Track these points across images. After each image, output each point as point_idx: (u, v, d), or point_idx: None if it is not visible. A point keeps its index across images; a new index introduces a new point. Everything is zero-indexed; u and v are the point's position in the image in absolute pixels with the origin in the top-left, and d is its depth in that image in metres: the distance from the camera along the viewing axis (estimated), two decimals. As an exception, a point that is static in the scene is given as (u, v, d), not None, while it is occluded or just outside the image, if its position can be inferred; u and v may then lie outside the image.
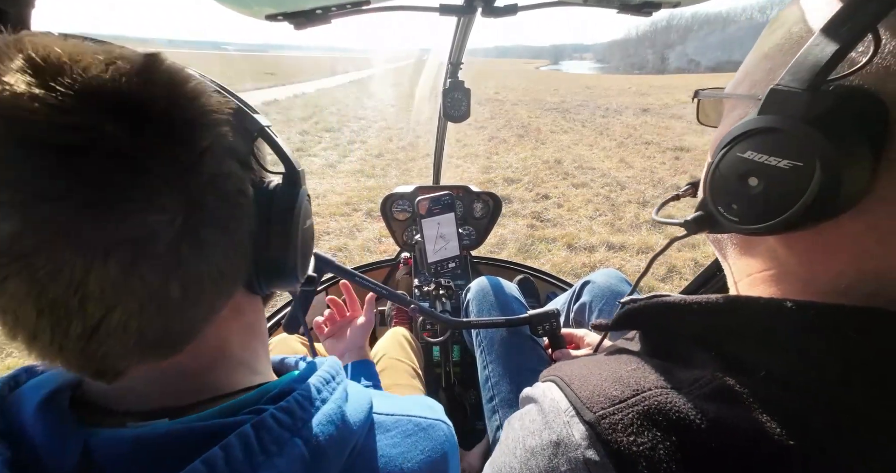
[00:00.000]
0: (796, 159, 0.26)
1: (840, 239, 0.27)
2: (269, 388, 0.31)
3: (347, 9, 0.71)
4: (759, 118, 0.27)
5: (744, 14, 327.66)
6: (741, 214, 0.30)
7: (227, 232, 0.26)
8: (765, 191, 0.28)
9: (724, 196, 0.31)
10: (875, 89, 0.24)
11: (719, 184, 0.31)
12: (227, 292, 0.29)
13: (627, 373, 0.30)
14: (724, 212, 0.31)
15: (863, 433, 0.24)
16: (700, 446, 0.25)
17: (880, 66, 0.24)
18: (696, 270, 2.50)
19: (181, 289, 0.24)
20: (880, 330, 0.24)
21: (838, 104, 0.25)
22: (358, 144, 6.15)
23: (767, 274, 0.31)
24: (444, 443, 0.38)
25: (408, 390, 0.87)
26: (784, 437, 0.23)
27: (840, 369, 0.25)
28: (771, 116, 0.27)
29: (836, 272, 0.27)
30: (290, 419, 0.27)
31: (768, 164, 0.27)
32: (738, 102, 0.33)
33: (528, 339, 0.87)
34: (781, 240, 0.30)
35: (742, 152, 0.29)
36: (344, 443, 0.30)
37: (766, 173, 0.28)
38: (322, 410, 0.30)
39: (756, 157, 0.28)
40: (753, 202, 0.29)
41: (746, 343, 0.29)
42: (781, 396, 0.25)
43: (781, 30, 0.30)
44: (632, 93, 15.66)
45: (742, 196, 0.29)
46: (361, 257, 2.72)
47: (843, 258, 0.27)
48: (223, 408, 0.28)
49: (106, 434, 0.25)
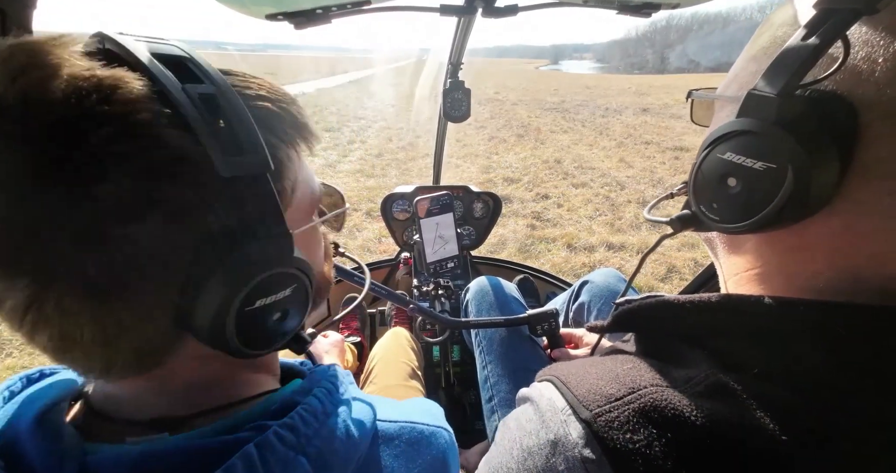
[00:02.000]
0: (770, 161, 0.27)
1: (817, 238, 0.28)
2: (271, 401, 0.30)
3: (347, 9, 0.71)
4: (736, 121, 0.29)
5: (743, 14, 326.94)
6: (721, 214, 0.31)
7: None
8: (742, 191, 0.29)
9: (706, 195, 0.32)
10: (847, 94, 0.25)
11: (702, 184, 0.32)
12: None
13: (623, 372, 0.31)
14: (707, 212, 0.32)
15: (854, 426, 0.24)
16: (695, 442, 0.25)
17: (852, 72, 0.25)
18: (695, 270, 2.50)
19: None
20: (868, 326, 0.25)
21: (810, 108, 0.26)
22: (358, 144, 6.15)
23: (753, 272, 0.32)
24: (445, 451, 0.38)
25: (407, 390, 0.87)
26: (777, 432, 0.24)
27: (830, 365, 0.25)
28: (747, 119, 0.28)
29: (814, 271, 0.28)
30: (294, 437, 0.27)
31: (745, 166, 0.28)
32: (726, 104, 0.34)
33: (528, 339, 0.87)
34: (764, 239, 0.31)
35: (722, 153, 0.30)
36: (349, 459, 0.30)
37: (743, 174, 0.29)
38: (326, 425, 0.29)
39: (734, 159, 0.29)
40: (732, 202, 0.30)
41: (738, 341, 0.29)
42: (773, 392, 0.26)
43: (768, 33, 0.31)
44: (631, 93, 15.65)
45: (722, 196, 0.30)
46: (361, 257, 2.71)
47: (820, 257, 0.28)
48: (226, 423, 0.28)
49: (104, 451, 0.25)
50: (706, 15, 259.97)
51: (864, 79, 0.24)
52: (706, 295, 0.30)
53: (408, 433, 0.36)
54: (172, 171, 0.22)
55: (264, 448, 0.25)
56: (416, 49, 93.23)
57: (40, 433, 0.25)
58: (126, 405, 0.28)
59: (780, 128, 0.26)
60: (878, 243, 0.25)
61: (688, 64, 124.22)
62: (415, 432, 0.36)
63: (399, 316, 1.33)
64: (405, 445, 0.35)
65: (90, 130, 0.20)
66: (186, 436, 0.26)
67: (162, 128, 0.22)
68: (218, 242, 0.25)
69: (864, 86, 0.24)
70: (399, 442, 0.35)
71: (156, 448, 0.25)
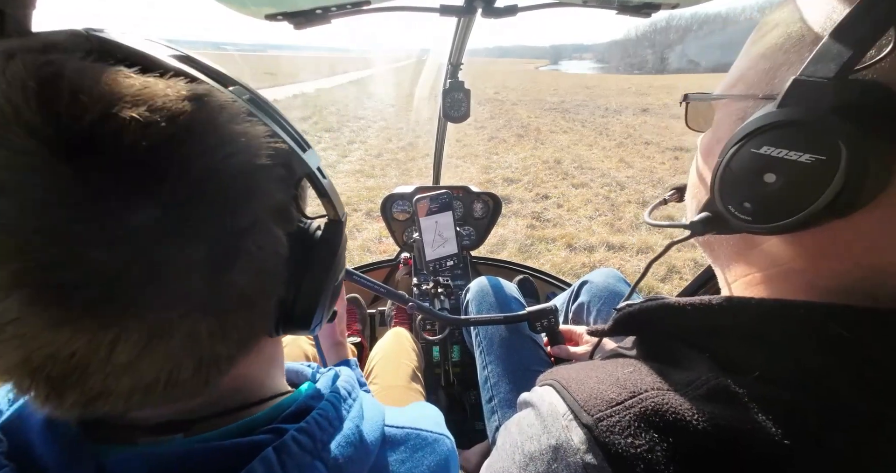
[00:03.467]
0: (819, 152, 0.25)
1: (853, 235, 0.27)
2: (285, 404, 0.30)
3: (347, 9, 0.71)
4: (777, 111, 0.27)
5: (743, 14, 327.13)
6: (755, 213, 0.29)
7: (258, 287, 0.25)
8: (783, 187, 0.27)
9: (736, 194, 0.30)
10: (889, 84, 0.24)
11: (730, 183, 0.30)
12: (249, 343, 0.27)
13: (624, 376, 0.30)
14: (736, 212, 0.30)
15: (855, 429, 0.24)
16: (697, 446, 0.25)
17: (895, 61, 0.24)
18: (695, 270, 2.50)
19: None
20: (871, 329, 0.24)
21: (864, 95, 0.24)
22: (357, 144, 6.15)
23: (765, 274, 0.31)
24: (447, 458, 0.38)
25: (408, 392, 0.87)
26: (779, 436, 0.24)
27: (831, 367, 0.25)
28: (792, 109, 0.26)
29: (843, 269, 0.27)
30: (310, 441, 0.27)
31: (787, 159, 0.26)
32: (734, 103, 0.33)
33: (528, 340, 0.87)
34: (787, 239, 0.30)
35: (757, 148, 0.28)
36: (363, 464, 0.30)
37: (784, 169, 0.27)
38: (341, 431, 0.29)
39: (774, 152, 0.27)
40: (769, 199, 0.28)
41: (740, 343, 0.29)
42: (775, 395, 0.25)
43: (777, 31, 0.30)
44: (631, 93, 15.65)
45: (757, 193, 0.28)
46: (361, 257, 2.71)
47: (853, 254, 0.27)
48: (240, 426, 0.28)
49: (119, 453, 0.25)
50: (706, 15, 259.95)
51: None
52: (707, 298, 0.30)
53: (413, 439, 0.36)
54: (269, 175, 0.24)
55: (283, 452, 0.25)
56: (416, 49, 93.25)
57: (52, 435, 0.25)
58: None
59: (836, 114, 0.24)
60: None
61: (687, 64, 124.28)
62: (419, 438, 0.37)
63: (399, 316, 1.33)
64: (410, 451, 0.35)
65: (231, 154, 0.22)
66: (202, 438, 0.26)
67: (253, 131, 0.23)
68: (303, 235, 0.29)
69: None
70: (405, 448, 0.35)
71: (171, 450, 0.25)
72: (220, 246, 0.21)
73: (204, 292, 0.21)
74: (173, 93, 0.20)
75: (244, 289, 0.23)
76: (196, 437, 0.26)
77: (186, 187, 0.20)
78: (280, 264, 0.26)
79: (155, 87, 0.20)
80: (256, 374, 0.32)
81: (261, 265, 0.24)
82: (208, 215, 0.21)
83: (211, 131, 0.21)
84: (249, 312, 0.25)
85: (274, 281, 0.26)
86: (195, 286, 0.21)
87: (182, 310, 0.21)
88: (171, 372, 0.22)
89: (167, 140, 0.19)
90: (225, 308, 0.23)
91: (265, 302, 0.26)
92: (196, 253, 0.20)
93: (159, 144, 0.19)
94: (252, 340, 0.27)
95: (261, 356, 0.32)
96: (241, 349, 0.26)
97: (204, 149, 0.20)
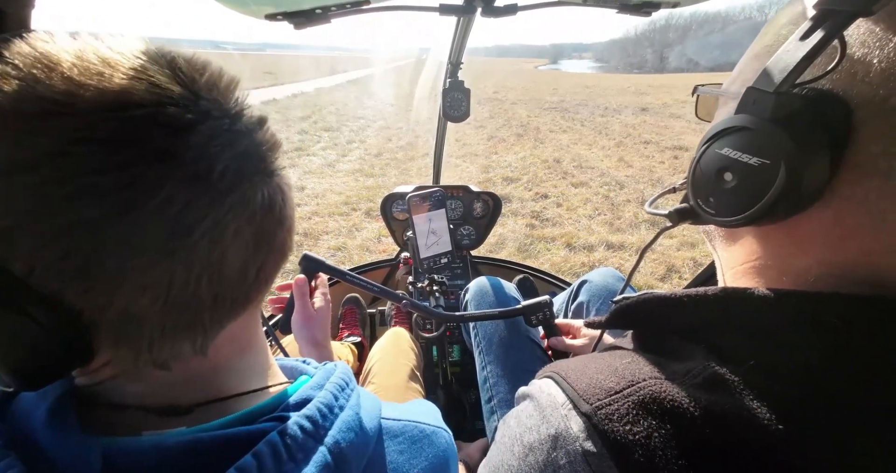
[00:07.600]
0: (764, 157, 0.27)
1: (809, 233, 0.28)
2: (285, 395, 0.31)
3: (347, 8, 0.71)
4: (734, 117, 0.29)
5: (742, 14, 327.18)
6: (717, 207, 0.32)
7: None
8: (737, 185, 0.30)
9: (704, 189, 0.32)
10: (842, 93, 0.26)
11: (699, 179, 0.33)
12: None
13: (622, 366, 0.31)
14: (703, 205, 0.33)
15: (847, 418, 0.24)
16: (693, 433, 0.25)
17: (848, 72, 0.26)
18: (695, 270, 2.50)
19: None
20: (861, 315, 0.25)
21: (805, 106, 0.26)
22: (357, 144, 6.14)
23: (749, 265, 0.33)
24: (446, 450, 0.39)
25: (406, 391, 0.87)
26: (773, 423, 0.24)
27: (823, 355, 0.26)
28: (744, 115, 0.29)
29: (805, 264, 0.29)
30: (313, 427, 0.28)
31: (741, 161, 0.29)
32: (728, 100, 0.34)
33: (527, 340, 0.87)
34: (759, 233, 0.32)
35: (720, 148, 0.30)
36: (363, 450, 0.31)
37: (739, 169, 0.29)
38: (341, 417, 0.30)
39: (731, 154, 0.30)
40: (728, 196, 0.30)
41: (735, 333, 0.29)
42: (769, 384, 0.26)
43: (772, 31, 0.31)
44: (631, 92, 15.66)
45: (718, 190, 0.31)
46: (361, 257, 2.71)
47: (811, 251, 0.29)
48: (242, 415, 0.28)
49: (125, 443, 0.25)
50: (705, 15, 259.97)
51: (860, 79, 0.25)
52: (703, 289, 0.31)
53: (410, 430, 0.37)
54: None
55: (286, 435, 0.26)
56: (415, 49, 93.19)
57: (59, 425, 0.25)
58: (133, 394, 0.28)
59: (775, 124, 0.27)
60: (868, 238, 0.26)
61: (687, 63, 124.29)
62: (417, 430, 0.37)
63: (399, 316, 1.33)
64: (408, 442, 0.36)
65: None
66: (206, 426, 0.27)
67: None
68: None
69: (859, 86, 0.25)
70: (403, 439, 0.36)
71: (178, 440, 0.25)
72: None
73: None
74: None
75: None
76: (201, 426, 0.27)
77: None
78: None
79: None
80: (235, 358, 0.32)
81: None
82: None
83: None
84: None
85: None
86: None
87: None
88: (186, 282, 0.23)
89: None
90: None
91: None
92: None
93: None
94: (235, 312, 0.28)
95: (235, 343, 0.32)
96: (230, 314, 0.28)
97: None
